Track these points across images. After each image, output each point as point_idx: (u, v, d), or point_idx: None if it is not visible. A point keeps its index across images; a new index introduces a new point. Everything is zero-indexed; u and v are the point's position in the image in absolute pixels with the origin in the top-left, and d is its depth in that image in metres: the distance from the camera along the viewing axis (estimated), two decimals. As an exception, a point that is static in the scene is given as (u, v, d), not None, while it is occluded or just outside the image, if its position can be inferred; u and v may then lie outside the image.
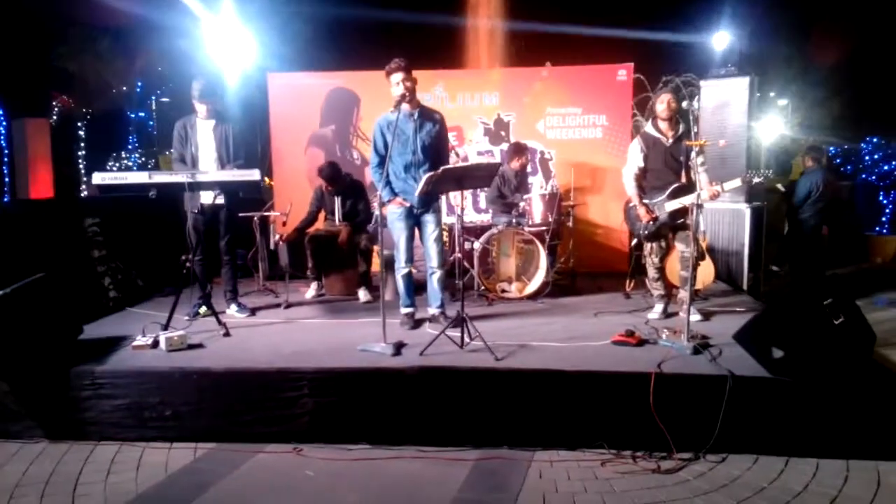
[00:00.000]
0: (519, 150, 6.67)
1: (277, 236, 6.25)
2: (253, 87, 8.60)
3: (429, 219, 4.83)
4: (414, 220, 4.84)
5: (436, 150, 4.78)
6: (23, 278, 4.08)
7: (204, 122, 5.16)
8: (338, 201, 6.20)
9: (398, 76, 4.53)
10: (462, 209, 4.97)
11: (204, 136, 5.14)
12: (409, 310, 4.97)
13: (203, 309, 5.18)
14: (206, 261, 5.21)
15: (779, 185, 8.16)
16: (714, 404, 3.54)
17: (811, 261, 7.66)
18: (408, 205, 4.75)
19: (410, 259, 4.89)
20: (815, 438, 3.53)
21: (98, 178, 4.43)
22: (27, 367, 3.89)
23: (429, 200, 4.75)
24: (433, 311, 4.94)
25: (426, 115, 4.76)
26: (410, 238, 4.86)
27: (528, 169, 7.06)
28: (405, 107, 4.61)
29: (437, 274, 4.89)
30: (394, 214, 4.81)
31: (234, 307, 5.44)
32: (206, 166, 5.08)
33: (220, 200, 5.09)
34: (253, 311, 5.49)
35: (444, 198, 5.11)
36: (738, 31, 8.17)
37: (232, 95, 8.46)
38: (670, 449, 3.54)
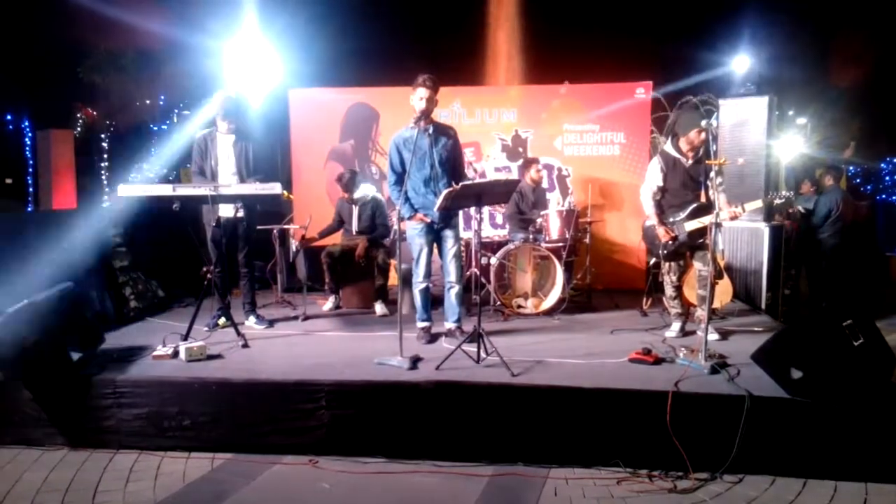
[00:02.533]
0: (527, 163, 6.86)
1: (296, 244, 6.31)
2: (274, 101, 8.71)
3: (448, 234, 4.86)
4: (434, 235, 4.88)
5: (452, 164, 4.83)
6: (45, 288, 4.15)
7: (224, 137, 5.24)
8: (355, 212, 6.26)
9: (424, 92, 4.58)
10: (479, 223, 4.99)
11: (224, 151, 5.22)
12: (426, 324, 4.99)
13: (222, 320, 5.25)
14: (225, 273, 5.27)
15: (800, 207, 8.13)
16: (731, 424, 3.52)
17: (831, 282, 7.60)
18: (429, 220, 4.79)
19: (428, 274, 4.92)
20: (834, 460, 3.50)
21: (123, 189, 4.52)
22: (50, 375, 3.96)
23: (448, 216, 4.79)
24: (450, 325, 4.96)
25: (440, 130, 4.81)
26: (429, 253, 4.90)
27: (545, 185, 7.09)
28: (421, 123, 4.66)
29: (455, 289, 4.91)
30: (414, 230, 4.85)
31: (252, 319, 5.49)
32: (224, 180, 5.13)
33: (240, 214, 5.15)
34: (271, 323, 5.54)
35: (461, 213, 5.13)
36: (757, 50, 8.17)
37: (254, 110, 8.57)
38: (687, 468, 3.52)
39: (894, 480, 3.45)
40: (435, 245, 4.95)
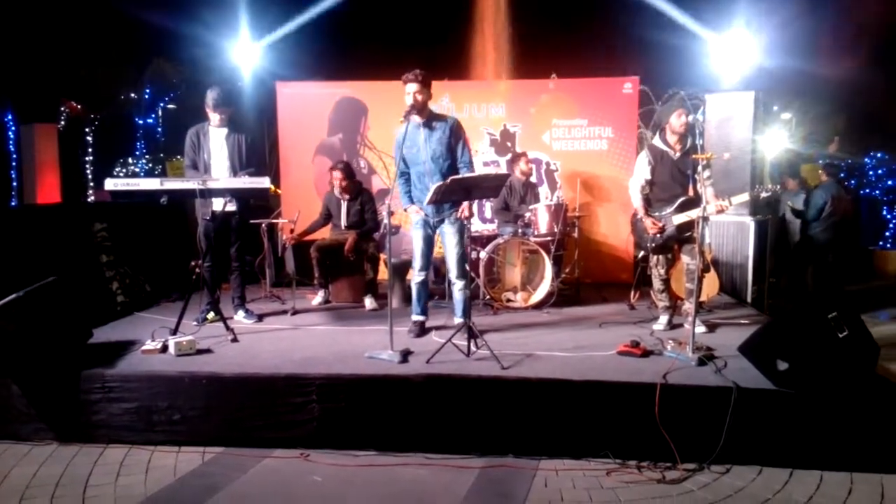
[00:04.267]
0: (515, 157, 6.94)
1: (285, 238, 6.28)
2: (262, 95, 8.68)
3: (447, 230, 4.85)
4: (431, 229, 4.89)
5: (448, 157, 4.78)
6: (31, 283, 4.12)
7: (217, 130, 5.21)
8: (343, 206, 6.24)
9: (412, 87, 4.59)
10: (469, 218, 4.99)
11: (216, 144, 5.20)
12: (420, 318, 4.99)
13: (211, 314, 5.23)
14: (214, 267, 5.26)
15: (790, 203, 8.28)
16: (719, 415, 3.56)
17: (823, 275, 7.73)
18: (422, 214, 4.80)
19: (426, 267, 4.92)
20: (820, 450, 3.55)
21: (111, 183, 4.48)
22: (38, 370, 3.93)
23: (442, 210, 4.79)
24: (459, 321, 4.91)
25: (433, 124, 4.78)
26: (426, 247, 4.90)
27: (534, 179, 7.11)
28: (416, 117, 4.67)
29: (457, 285, 4.89)
30: (412, 222, 4.88)
31: (241, 313, 5.47)
32: (218, 174, 5.12)
33: (232, 207, 5.12)
34: (260, 318, 5.53)
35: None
36: (744, 45, 8.24)
37: (242, 103, 8.53)
38: (675, 459, 3.56)
39: (879, 469, 3.50)
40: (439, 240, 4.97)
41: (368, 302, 6.08)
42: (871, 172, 11.72)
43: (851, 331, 3.64)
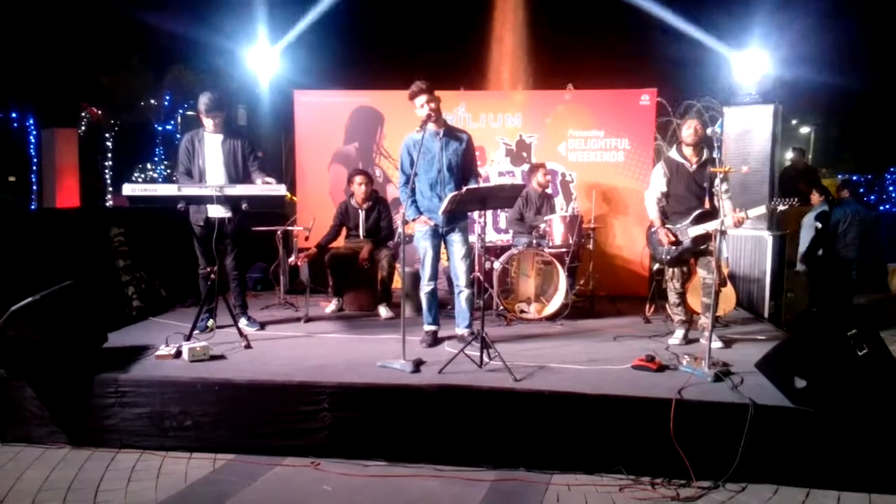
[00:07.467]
0: (534, 167, 6.88)
1: (292, 258, 6.24)
2: (279, 103, 8.73)
3: (455, 238, 4.85)
4: (439, 238, 4.87)
5: (461, 169, 4.82)
6: (48, 286, 4.15)
7: (212, 136, 5.11)
8: (362, 215, 6.25)
9: (422, 99, 4.60)
10: (483, 228, 4.98)
11: (212, 151, 5.09)
12: (432, 328, 4.98)
13: (211, 322, 5.17)
14: (214, 273, 5.14)
15: (817, 224, 8.21)
16: (735, 433, 3.51)
17: (842, 293, 7.65)
18: (433, 224, 4.78)
19: (434, 277, 4.91)
20: (837, 470, 3.48)
21: (128, 189, 4.49)
22: (53, 374, 3.96)
23: (453, 219, 4.78)
24: (461, 331, 4.93)
25: (451, 134, 4.82)
26: (436, 256, 4.89)
27: (549, 190, 7.09)
28: (431, 126, 4.67)
29: (465, 293, 4.89)
30: (419, 232, 4.86)
31: (243, 321, 5.39)
32: (213, 181, 5.01)
33: (227, 214, 5.00)
34: (262, 326, 5.48)
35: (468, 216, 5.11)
36: (762, 59, 8.19)
37: (259, 110, 8.60)
38: (690, 476, 3.51)
39: (898, 491, 3.44)
40: (444, 248, 4.95)
41: (383, 311, 6.07)
42: (891, 188, 11.59)
43: (871, 348, 3.58)
